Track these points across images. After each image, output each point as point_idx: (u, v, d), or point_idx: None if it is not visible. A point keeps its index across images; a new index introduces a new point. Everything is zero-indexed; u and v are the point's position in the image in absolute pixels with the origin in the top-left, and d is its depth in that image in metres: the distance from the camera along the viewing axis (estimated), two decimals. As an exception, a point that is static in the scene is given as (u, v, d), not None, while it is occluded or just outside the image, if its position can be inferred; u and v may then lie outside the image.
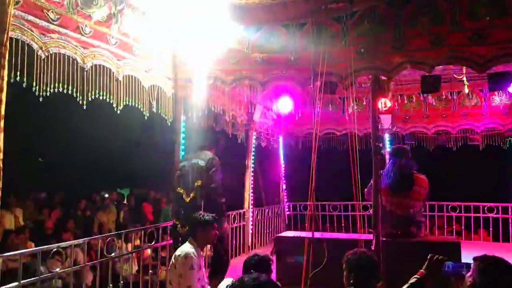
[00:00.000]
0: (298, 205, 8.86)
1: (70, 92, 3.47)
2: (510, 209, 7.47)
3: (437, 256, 2.65)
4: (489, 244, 7.36)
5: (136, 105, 4.26)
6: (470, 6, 4.18)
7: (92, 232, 7.76)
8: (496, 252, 2.34)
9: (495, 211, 7.52)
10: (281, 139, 8.74)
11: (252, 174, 7.53)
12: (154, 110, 4.57)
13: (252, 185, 7.52)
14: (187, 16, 4.39)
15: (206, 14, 4.34)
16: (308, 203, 4.41)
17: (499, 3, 4.08)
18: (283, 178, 8.84)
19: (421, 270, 2.67)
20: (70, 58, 3.50)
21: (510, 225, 7.44)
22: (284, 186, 8.83)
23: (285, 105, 7.27)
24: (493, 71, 4.66)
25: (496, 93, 7.17)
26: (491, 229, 7.49)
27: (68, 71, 3.46)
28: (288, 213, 8.93)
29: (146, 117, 4.37)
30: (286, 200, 8.91)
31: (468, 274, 2.24)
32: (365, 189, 5.09)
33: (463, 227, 7.67)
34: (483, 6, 4.15)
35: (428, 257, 2.67)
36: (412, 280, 2.64)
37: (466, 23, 4.22)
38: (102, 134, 10.55)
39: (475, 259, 2.23)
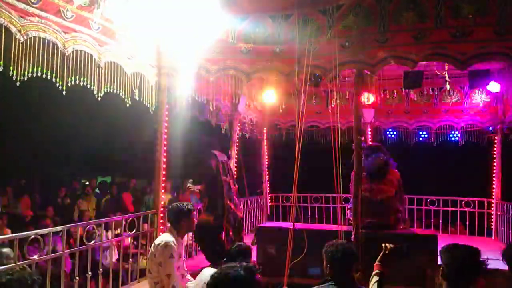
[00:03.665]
0: (280, 197, 8.91)
1: (49, 77, 3.39)
2: (486, 204, 7.67)
3: (390, 246, 3.05)
4: (465, 237, 7.54)
5: (118, 92, 4.18)
6: (454, 4, 4.23)
7: (72, 220, 7.67)
8: (471, 244, 2.45)
9: (471, 206, 7.70)
10: (265, 130, 8.75)
11: (235, 164, 7.52)
12: (137, 98, 4.50)
13: (235, 176, 7.51)
14: (172, 3, 4.32)
15: (192, 2, 4.29)
16: (290, 194, 4.43)
17: (482, 2, 4.14)
18: (266, 170, 8.87)
19: (377, 263, 2.97)
20: (50, 43, 3.41)
21: (486, 219, 7.64)
22: (267, 177, 8.86)
23: (269, 96, 7.27)
24: (473, 68, 4.74)
25: (476, 90, 7.31)
26: (467, 223, 7.67)
27: (48, 56, 3.37)
28: (270, 204, 8.97)
29: (128, 105, 4.30)
30: (268, 191, 8.95)
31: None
32: (350, 183, 5.20)
33: (441, 221, 7.84)
34: (467, 5, 4.20)
35: (383, 247, 3.06)
36: (376, 278, 2.88)
37: (450, 20, 4.27)
38: (85, 121, 10.37)
39: (440, 251, 2.45)
